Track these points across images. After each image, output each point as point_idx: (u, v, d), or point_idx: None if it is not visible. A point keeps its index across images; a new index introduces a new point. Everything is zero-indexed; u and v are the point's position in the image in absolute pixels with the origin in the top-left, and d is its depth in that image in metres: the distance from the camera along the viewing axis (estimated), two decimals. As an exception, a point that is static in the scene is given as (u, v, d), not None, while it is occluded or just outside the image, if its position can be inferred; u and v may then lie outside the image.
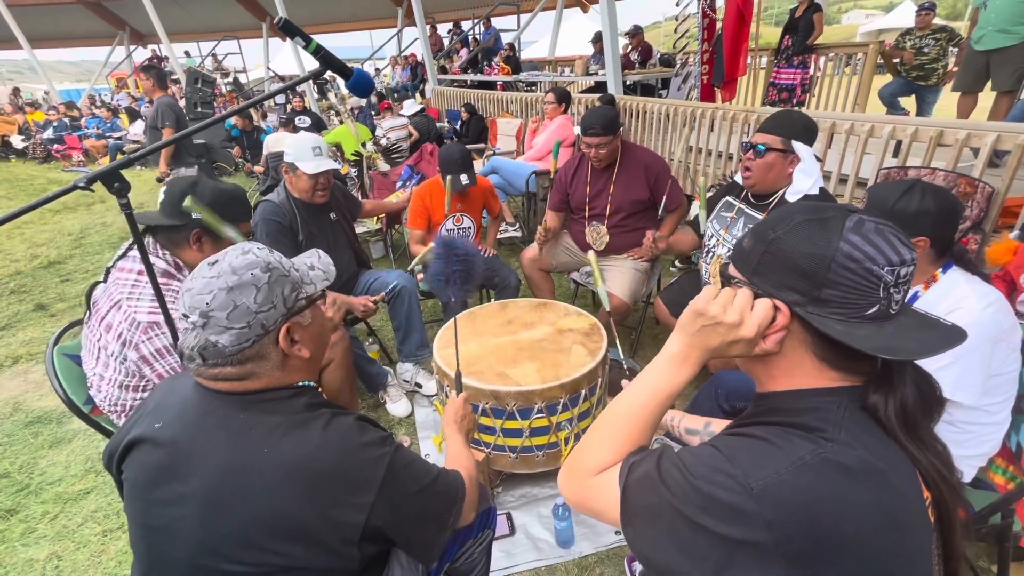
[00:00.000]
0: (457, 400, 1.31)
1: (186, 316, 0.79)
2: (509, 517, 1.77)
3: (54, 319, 3.50)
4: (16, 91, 15.49)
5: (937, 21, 4.68)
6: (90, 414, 1.41)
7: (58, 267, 4.49)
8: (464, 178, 2.47)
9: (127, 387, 1.35)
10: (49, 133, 10.66)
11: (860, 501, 0.56)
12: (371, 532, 0.78)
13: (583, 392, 1.72)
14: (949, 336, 0.60)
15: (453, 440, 1.21)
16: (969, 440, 1.22)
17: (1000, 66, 3.72)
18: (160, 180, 4.34)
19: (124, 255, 1.40)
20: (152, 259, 1.35)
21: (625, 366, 1.79)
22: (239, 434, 0.77)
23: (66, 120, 11.29)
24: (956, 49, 4.52)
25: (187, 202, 1.34)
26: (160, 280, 1.33)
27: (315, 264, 0.93)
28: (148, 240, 1.41)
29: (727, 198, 2.07)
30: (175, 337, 1.25)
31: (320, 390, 0.93)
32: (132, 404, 1.38)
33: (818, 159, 1.83)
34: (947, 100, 4.75)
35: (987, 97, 4.18)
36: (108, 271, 1.39)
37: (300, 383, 0.87)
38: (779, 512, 0.55)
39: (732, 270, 0.71)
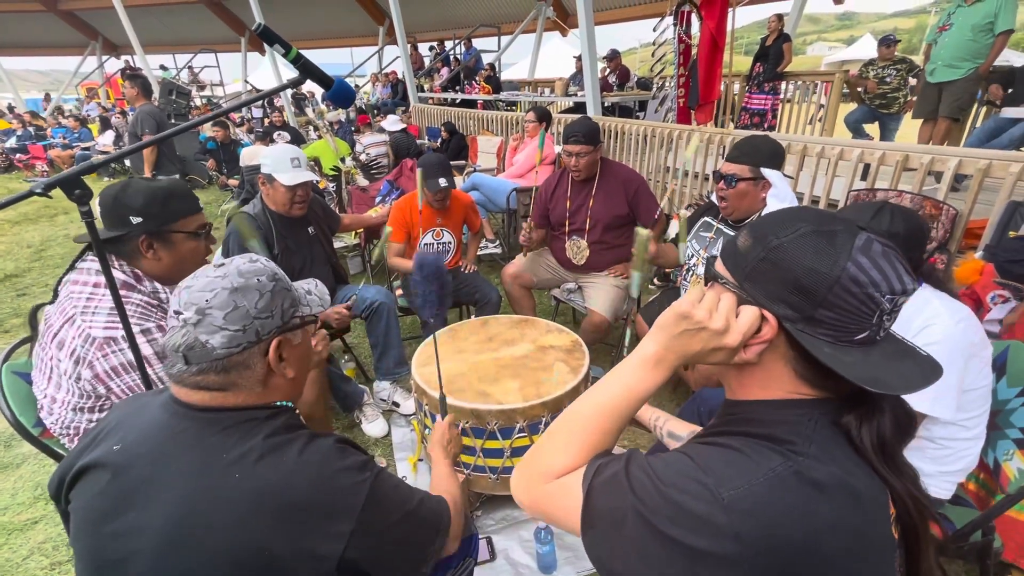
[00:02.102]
0: (442, 424, 1.27)
1: (178, 313, 0.74)
2: (489, 541, 1.71)
3: (7, 335, 3.31)
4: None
5: (897, 53, 4.94)
6: (40, 437, 1.31)
7: (15, 280, 4.28)
8: (442, 181, 2.45)
9: (81, 409, 1.26)
10: (12, 142, 10.28)
11: (832, 519, 0.54)
12: (348, 564, 0.72)
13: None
14: (926, 371, 0.60)
15: (439, 465, 1.16)
16: (948, 456, 1.24)
17: (947, 95, 4.06)
18: None
19: (73, 267, 1.29)
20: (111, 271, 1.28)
21: None
22: (209, 459, 0.72)
23: (31, 129, 10.91)
24: (915, 80, 4.77)
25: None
26: (120, 292, 1.26)
27: (312, 290, 0.92)
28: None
29: (705, 218, 2.09)
30: (136, 353, 1.18)
31: (298, 412, 0.88)
32: (86, 427, 1.28)
33: (789, 177, 1.87)
34: (909, 127, 4.99)
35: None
36: (56, 291, 1.28)
37: (278, 403, 0.83)
38: (749, 525, 0.53)
39: (720, 267, 0.67)
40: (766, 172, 1.78)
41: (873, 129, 5.30)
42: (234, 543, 0.68)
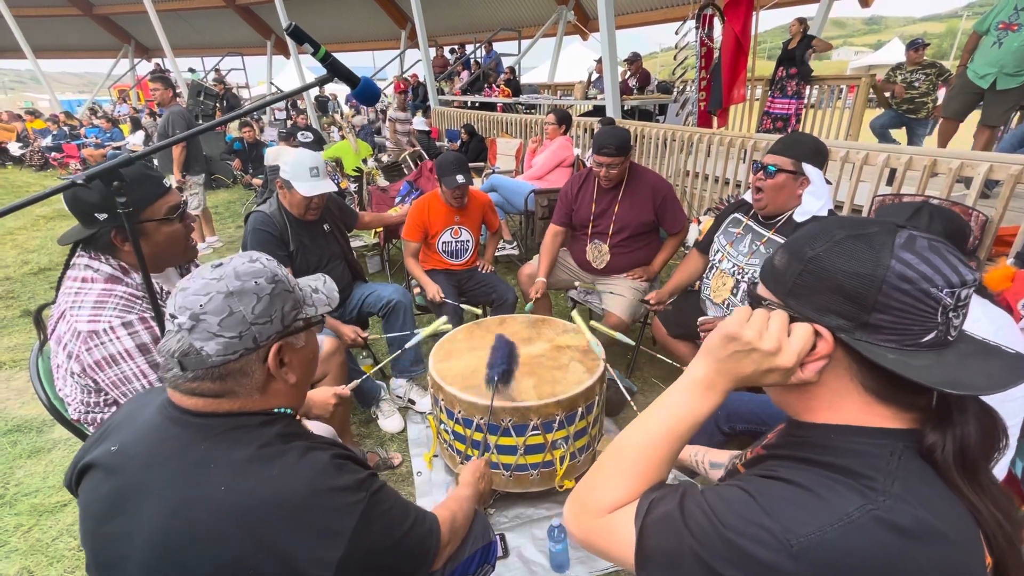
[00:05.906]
0: (479, 461, 1.33)
1: (173, 317, 0.71)
2: (502, 539, 1.71)
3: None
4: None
5: (926, 58, 4.83)
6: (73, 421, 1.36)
7: (48, 274, 4.43)
8: (460, 178, 2.47)
9: (87, 403, 1.28)
10: (47, 141, 10.66)
11: (916, 570, 0.49)
12: None
13: (580, 410, 1.69)
14: (1016, 367, 0.54)
15: (463, 487, 1.19)
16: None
17: (996, 103, 3.77)
18: (179, 189, 4.32)
19: (69, 266, 1.29)
20: (98, 265, 1.26)
21: (622, 386, 1.77)
22: (196, 468, 0.70)
23: (65, 129, 11.30)
24: (945, 85, 4.65)
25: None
26: (105, 285, 1.24)
27: (319, 288, 0.87)
28: (90, 253, 1.28)
29: (735, 214, 2.07)
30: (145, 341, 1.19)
31: (299, 418, 0.86)
32: (101, 418, 1.31)
33: (828, 182, 1.84)
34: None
35: (965, 125, 4.27)
36: (57, 290, 1.28)
37: (276, 409, 0.79)
38: None
39: (762, 290, 0.65)
40: (807, 168, 1.76)
41: (900, 135, 5.19)
42: (216, 559, 0.66)
